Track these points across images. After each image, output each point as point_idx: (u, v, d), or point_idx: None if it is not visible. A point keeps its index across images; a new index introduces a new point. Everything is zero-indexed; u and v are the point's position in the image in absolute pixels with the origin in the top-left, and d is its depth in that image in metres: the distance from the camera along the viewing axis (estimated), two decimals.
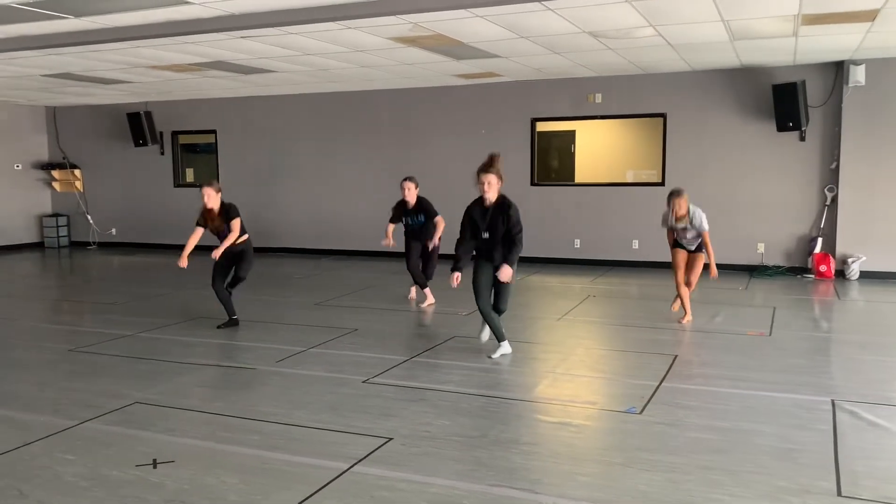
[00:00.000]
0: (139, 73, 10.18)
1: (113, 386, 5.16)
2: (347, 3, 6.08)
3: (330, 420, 4.40)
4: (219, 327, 6.96)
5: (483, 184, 5.56)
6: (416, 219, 8.02)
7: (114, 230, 14.86)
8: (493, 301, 5.77)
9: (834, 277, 9.98)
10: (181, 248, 6.97)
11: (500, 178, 5.60)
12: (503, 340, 5.86)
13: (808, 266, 10.28)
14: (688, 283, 6.98)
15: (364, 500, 3.34)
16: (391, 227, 8.17)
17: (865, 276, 9.87)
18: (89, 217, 14.92)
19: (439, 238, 8.06)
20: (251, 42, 8.01)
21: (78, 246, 15.00)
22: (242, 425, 4.33)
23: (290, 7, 6.32)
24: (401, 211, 8.09)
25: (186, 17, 6.65)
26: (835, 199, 10.06)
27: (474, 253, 5.82)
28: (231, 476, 3.61)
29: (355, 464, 3.73)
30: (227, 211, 6.78)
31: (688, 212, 6.79)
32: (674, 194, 6.85)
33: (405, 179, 8.03)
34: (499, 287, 5.72)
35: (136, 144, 13.83)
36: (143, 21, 6.78)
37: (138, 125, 13.65)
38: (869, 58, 9.46)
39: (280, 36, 7.68)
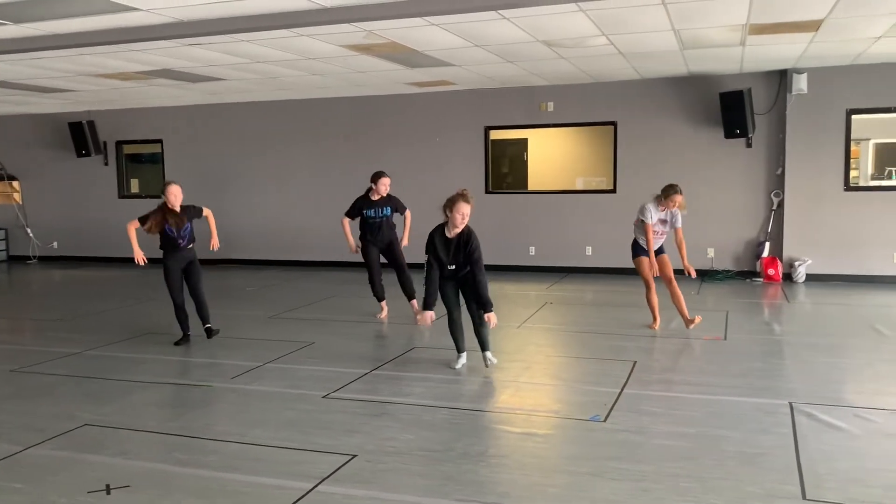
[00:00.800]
0: (82, 81, 9.87)
1: (60, 407, 4.93)
2: (301, 10, 5.98)
3: (291, 438, 4.28)
4: (176, 343, 6.74)
5: (462, 215, 5.39)
6: (380, 211, 7.64)
7: (55, 243, 14.35)
8: (467, 306, 5.67)
9: (781, 280, 10.22)
10: (127, 260, 6.74)
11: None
12: (463, 352, 5.81)
13: (756, 270, 10.51)
14: (669, 280, 6.96)
15: None
16: (347, 222, 7.75)
17: (811, 278, 10.14)
18: (29, 230, 14.38)
19: (407, 236, 7.79)
20: (200, 50, 7.82)
21: (17, 260, 14.43)
22: (200, 446, 4.17)
23: (241, 14, 6.18)
24: (363, 204, 7.67)
25: (133, 24, 6.45)
26: (781, 204, 10.32)
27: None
28: (190, 500, 3.46)
29: (319, 483, 3.63)
30: (191, 209, 6.65)
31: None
32: (678, 190, 6.81)
33: (383, 175, 7.61)
34: (468, 296, 5.63)
35: (79, 155, 13.40)
36: (87, 28, 6.55)
37: (80, 135, 13.23)
38: (810, 66, 9.74)
39: (230, 43, 7.52)
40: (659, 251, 7.06)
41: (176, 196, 6.55)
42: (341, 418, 4.62)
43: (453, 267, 5.56)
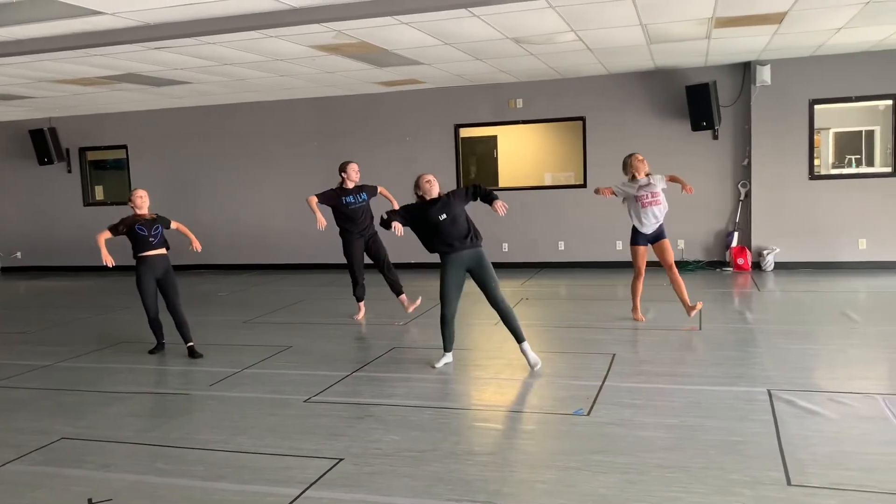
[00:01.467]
0: (43, 87, 9.65)
1: (35, 422, 4.82)
2: (270, 11, 5.91)
3: (275, 444, 4.24)
4: (150, 352, 6.65)
5: (429, 182, 5.62)
6: (358, 197, 7.56)
7: (19, 254, 14.04)
8: (489, 298, 5.63)
9: (751, 269, 10.38)
10: (93, 269, 6.61)
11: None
12: (448, 351, 5.80)
13: (726, 259, 10.67)
14: (670, 266, 6.89)
15: None
16: (315, 200, 7.45)
17: (780, 266, 10.32)
18: None
19: (395, 201, 7.73)
20: (165, 53, 7.71)
21: None
22: (183, 455, 4.11)
23: (209, 16, 6.09)
24: (340, 192, 7.54)
25: (97, 29, 6.32)
26: (748, 195, 10.48)
27: (440, 254, 5.67)
28: None
29: (307, 488, 3.59)
30: (160, 217, 6.59)
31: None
32: (632, 154, 6.86)
33: (351, 162, 7.58)
34: (486, 281, 5.62)
35: (41, 163, 13.12)
36: (50, 33, 6.41)
37: (42, 142, 12.96)
38: (773, 58, 9.91)
39: (196, 46, 7.42)
40: (660, 236, 6.92)
41: (142, 198, 6.46)
42: (325, 422, 4.58)
43: (444, 216, 5.54)
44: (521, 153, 13.47)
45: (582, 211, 11.10)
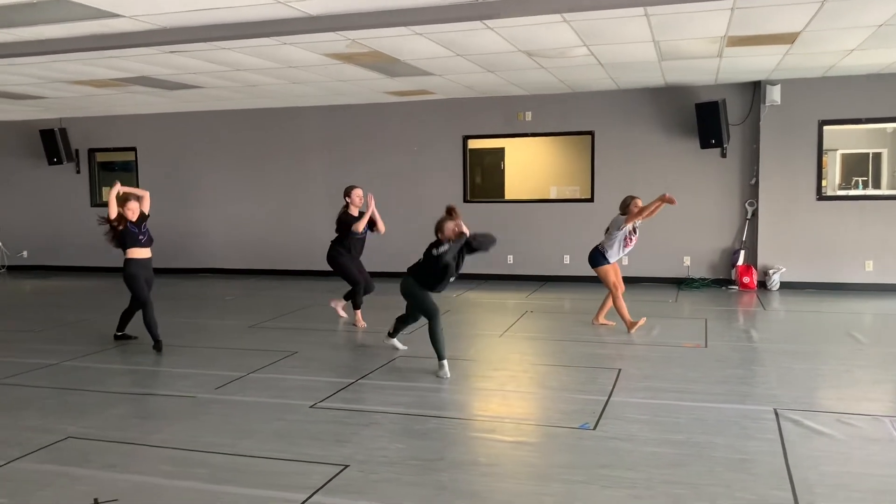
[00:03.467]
0: (55, 87, 9.70)
1: (41, 420, 4.83)
2: (287, 18, 5.94)
3: (280, 449, 4.23)
4: (155, 349, 6.75)
5: (453, 231, 5.67)
6: (366, 228, 7.76)
7: (25, 253, 14.07)
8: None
9: (756, 288, 10.37)
10: (99, 269, 6.70)
11: None
12: (444, 359, 5.85)
13: (731, 278, 10.65)
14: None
15: None
16: (362, 225, 7.65)
17: (785, 286, 10.30)
18: None
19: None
20: (180, 57, 7.75)
21: None
22: (187, 458, 4.11)
23: (225, 22, 6.13)
24: (351, 220, 7.67)
25: (114, 31, 6.36)
26: (755, 213, 10.48)
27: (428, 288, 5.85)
28: None
29: (313, 494, 3.59)
30: (142, 214, 7.03)
31: None
32: (633, 198, 7.44)
33: (355, 187, 7.75)
34: None
35: (50, 163, 13.17)
36: (67, 34, 6.45)
37: (52, 142, 13.01)
38: (783, 78, 9.93)
39: (211, 51, 7.46)
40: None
41: (132, 212, 6.85)
42: (330, 428, 4.58)
43: (453, 279, 5.77)
44: (529, 166, 13.50)
45: (589, 225, 11.07)
